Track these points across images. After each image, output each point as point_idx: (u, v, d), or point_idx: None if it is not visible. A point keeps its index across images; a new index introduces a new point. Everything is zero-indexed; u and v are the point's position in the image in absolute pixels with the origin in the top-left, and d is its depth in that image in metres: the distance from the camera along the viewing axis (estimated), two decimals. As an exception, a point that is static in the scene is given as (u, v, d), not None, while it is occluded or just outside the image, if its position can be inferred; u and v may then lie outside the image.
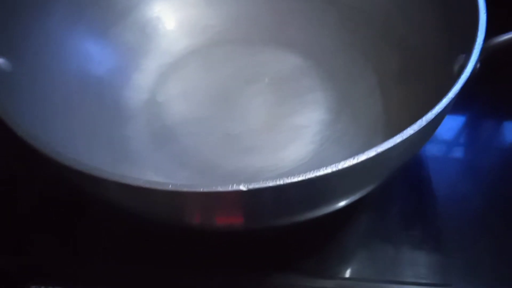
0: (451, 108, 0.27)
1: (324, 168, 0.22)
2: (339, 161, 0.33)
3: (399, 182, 0.36)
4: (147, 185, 0.21)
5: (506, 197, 0.35)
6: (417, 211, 0.35)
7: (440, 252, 0.33)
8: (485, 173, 0.37)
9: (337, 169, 0.22)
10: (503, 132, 0.40)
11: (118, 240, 0.33)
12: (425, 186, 0.36)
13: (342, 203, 0.28)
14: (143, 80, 0.40)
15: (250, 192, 0.20)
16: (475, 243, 0.33)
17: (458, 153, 0.39)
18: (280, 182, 0.21)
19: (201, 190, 0.20)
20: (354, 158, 0.22)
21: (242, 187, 0.20)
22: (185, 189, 0.21)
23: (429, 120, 0.24)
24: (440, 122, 0.28)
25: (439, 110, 0.24)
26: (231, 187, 0.20)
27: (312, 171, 0.21)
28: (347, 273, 0.32)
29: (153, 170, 0.35)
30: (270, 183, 0.21)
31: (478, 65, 0.28)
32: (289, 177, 0.21)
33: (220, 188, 0.20)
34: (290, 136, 0.36)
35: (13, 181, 0.37)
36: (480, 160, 0.38)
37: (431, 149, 0.38)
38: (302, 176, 0.21)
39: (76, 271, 0.32)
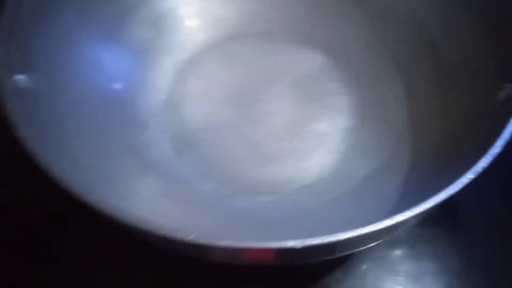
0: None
1: (356, 229, 0.21)
2: (365, 174, 0.33)
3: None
4: (198, 241, 0.20)
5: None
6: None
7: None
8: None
9: (374, 229, 0.21)
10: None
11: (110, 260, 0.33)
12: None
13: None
14: (160, 80, 0.38)
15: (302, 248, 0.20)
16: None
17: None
18: (328, 239, 0.20)
19: (257, 246, 0.20)
20: (381, 223, 0.21)
21: (296, 244, 0.20)
22: (239, 245, 0.20)
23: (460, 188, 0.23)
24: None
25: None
26: (285, 244, 0.20)
27: (350, 231, 0.21)
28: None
29: (174, 180, 0.34)
30: (320, 240, 0.20)
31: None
32: (335, 235, 0.21)
33: (274, 245, 0.20)
34: (314, 144, 0.36)
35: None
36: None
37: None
38: (346, 233, 0.21)
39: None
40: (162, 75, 0.38)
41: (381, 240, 0.27)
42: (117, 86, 0.36)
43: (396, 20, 0.37)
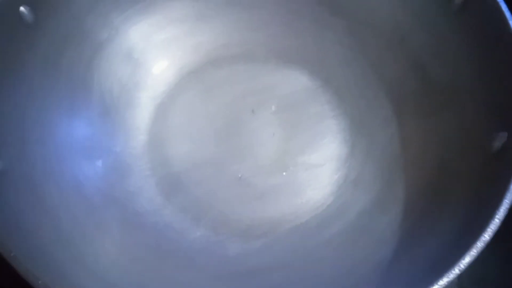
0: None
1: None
2: (359, 210, 0.33)
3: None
4: None
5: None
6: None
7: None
8: None
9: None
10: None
11: None
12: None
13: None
14: (139, 119, 0.36)
15: None
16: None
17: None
18: None
19: None
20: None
21: None
22: None
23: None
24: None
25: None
26: None
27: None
28: None
29: (164, 230, 0.33)
30: None
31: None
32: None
33: None
34: (305, 178, 0.34)
35: None
36: None
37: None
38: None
39: None
40: (141, 113, 0.36)
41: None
42: (93, 134, 0.34)
43: (376, 34, 0.35)
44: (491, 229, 0.23)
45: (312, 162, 0.35)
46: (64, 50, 0.33)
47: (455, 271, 0.22)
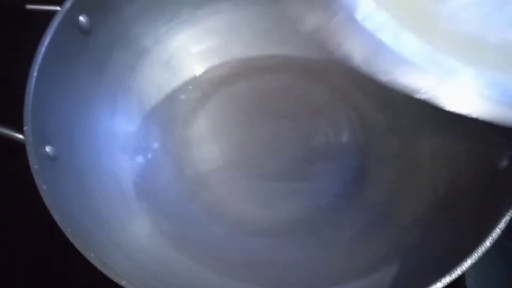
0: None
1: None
2: (370, 216, 0.35)
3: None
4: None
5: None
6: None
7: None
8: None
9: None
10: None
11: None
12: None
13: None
14: (173, 122, 0.40)
15: None
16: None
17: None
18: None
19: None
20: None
21: None
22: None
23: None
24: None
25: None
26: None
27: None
28: None
29: (190, 225, 0.36)
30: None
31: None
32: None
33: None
34: (322, 183, 0.37)
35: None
36: None
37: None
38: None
39: None
40: (175, 116, 0.40)
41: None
42: (131, 132, 0.38)
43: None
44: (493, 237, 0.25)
45: (329, 169, 0.38)
46: (111, 55, 0.37)
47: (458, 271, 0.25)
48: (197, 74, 0.41)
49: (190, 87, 0.41)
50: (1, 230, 0.36)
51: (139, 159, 0.37)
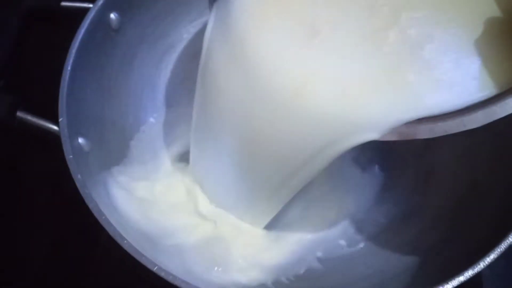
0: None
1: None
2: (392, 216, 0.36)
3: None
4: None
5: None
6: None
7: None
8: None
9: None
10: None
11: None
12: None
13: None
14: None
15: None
16: None
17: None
18: None
19: None
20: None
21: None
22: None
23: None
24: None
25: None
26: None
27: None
28: None
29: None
30: None
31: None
32: None
33: None
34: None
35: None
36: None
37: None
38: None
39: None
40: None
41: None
42: (155, 123, 0.40)
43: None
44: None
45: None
46: (138, 51, 0.38)
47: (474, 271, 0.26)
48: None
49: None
50: (39, 216, 0.37)
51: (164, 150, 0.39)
